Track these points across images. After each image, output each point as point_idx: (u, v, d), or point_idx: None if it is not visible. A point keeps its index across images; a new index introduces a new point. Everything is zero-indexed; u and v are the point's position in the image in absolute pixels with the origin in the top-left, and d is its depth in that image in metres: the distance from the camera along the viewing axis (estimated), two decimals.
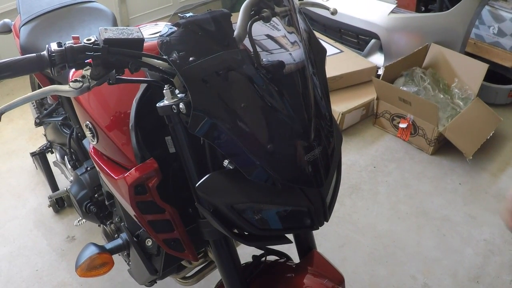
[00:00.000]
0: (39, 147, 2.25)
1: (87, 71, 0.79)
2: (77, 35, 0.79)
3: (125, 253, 1.32)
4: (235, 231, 0.95)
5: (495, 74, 2.87)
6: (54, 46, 0.76)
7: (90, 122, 1.14)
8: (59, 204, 2.26)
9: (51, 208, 2.25)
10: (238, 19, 0.94)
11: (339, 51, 3.05)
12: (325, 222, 0.93)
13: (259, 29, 0.95)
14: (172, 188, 1.07)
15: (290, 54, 0.94)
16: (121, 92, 1.10)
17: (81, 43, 0.78)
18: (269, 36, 0.98)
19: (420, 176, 2.42)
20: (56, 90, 0.80)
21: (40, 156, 2.26)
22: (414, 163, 2.51)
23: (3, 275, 1.97)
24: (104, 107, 1.12)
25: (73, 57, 0.76)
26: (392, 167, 2.48)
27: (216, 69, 0.83)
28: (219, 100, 0.83)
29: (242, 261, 1.12)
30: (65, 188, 2.13)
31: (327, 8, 1.12)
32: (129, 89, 1.05)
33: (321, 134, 0.89)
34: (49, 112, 2.00)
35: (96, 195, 1.51)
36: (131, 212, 1.06)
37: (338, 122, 2.63)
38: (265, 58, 0.91)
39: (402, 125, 2.60)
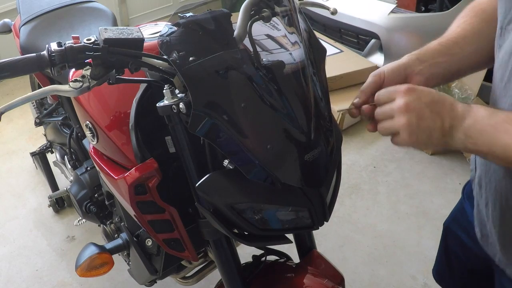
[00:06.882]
0: (39, 147, 2.25)
1: (87, 71, 0.79)
2: (77, 35, 0.79)
3: (125, 253, 1.32)
4: (235, 231, 0.95)
5: None
6: (54, 46, 0.76)
7: (90, 122, 1.14)
8: (59, 204, 2.26)
9: (51, 208, 2.26)
10: (238, 19, 0.94)
11: (339, 51, 3.05)
12: (325, 222, 0.93)
13: (259, 29, 0.95)
14: (172, 188, 1.07)
15: (290, 54, 0.94)
16: (121, 92, 1.10)
17: (81, 43, 0.78)
18: (269, 36, 0.98)
19: (420, 176, 2.42)
20: (56, 90, 0.80)
21: (40, 156, 2.26)
22: (414, 163, 2.51)
23: (3, 275, 1.97)
24: (104, 107, 1.12)
25: (73, 57, 0.76)
26: (392, 167, 2.48)
27: (216, 69, 0.83)
28: (219, 100, 0.82)
29: (242, 261, 1.12)
30: (65, 188, 2.13)
31: (327, 8, 1.12)
32: (129, 89, 1.05)
33: (321, 134, 0.89)
34: (49, 112, 2.00)
35: (96, 195, 1.51)
36: (131, 212, 1.06)
37: (338, 122, 2.63)
38: (265, 58, 0.90)
39: None
